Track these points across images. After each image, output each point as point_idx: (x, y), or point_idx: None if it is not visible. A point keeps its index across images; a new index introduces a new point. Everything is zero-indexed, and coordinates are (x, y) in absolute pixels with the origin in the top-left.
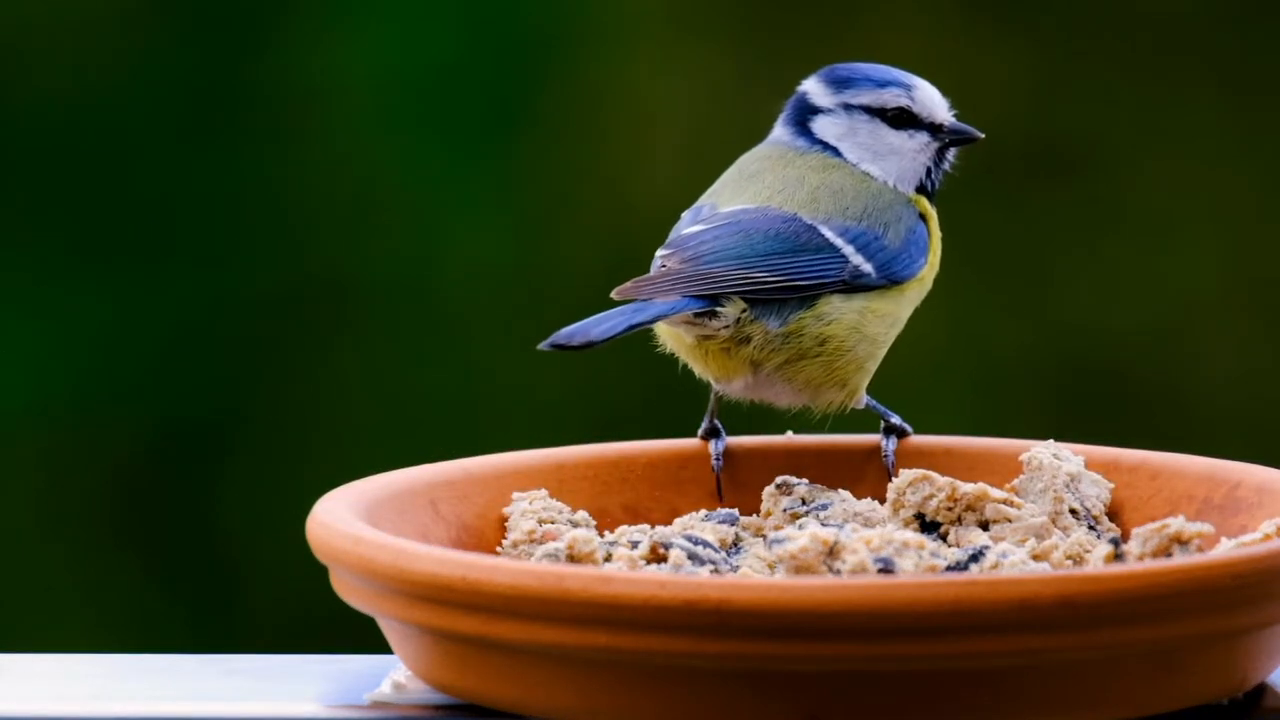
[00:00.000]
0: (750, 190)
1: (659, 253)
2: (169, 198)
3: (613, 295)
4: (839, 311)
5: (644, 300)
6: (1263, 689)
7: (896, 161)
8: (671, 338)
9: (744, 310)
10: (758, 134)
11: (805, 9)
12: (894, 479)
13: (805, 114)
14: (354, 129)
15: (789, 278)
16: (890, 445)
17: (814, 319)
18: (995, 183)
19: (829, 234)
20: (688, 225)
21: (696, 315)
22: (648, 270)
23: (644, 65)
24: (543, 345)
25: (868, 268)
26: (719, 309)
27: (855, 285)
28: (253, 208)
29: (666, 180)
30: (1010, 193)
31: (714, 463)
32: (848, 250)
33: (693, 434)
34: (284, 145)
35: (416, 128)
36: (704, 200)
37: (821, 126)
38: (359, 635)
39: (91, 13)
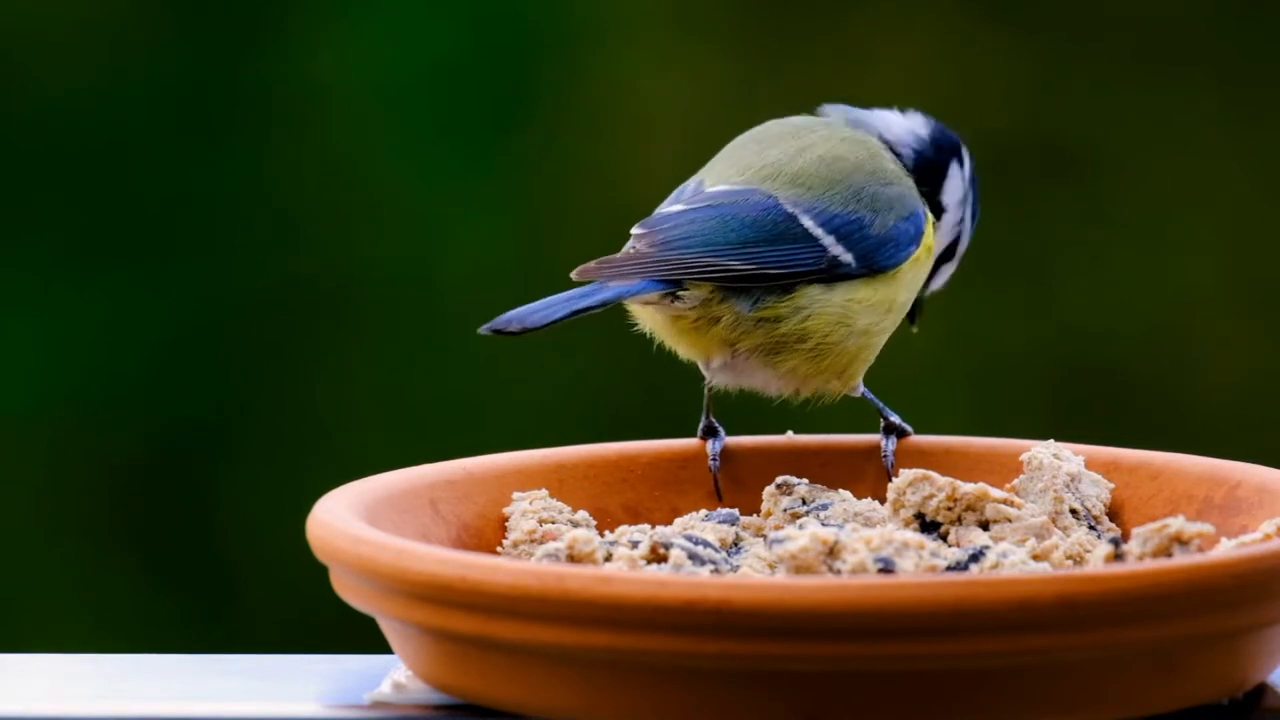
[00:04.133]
0: (741, 163)
1: (634, 230)
2: (169, 198)
3: (573, 275)
4: (818, 305)
5: (601, 282)
6: (1263, 689)
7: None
8: (645, 316)
9: (711, 292)
10: None
11: (806, 10)
12: (894, 479)
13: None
14: (354, 129)
15: (760, 266)
16: (890, 445)
17: (791, 310)
18: (995, 182)
19: (808, 223)
20: (670, 204)
21: (661, 297)
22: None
23: (644, 65)
24: (483, 329)
25: (847, 257)
26: (682, 292)
27: (835, 275)
28: (253, 207)
29: (666, 181)
30: (1010, 192)
31: (711, 463)
32: (827, 240)
33: (693, 434)
34: (284, 145)
35: (417, 127)
36: (697, 175)
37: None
38: (359, 635)
39: (91, 13)
